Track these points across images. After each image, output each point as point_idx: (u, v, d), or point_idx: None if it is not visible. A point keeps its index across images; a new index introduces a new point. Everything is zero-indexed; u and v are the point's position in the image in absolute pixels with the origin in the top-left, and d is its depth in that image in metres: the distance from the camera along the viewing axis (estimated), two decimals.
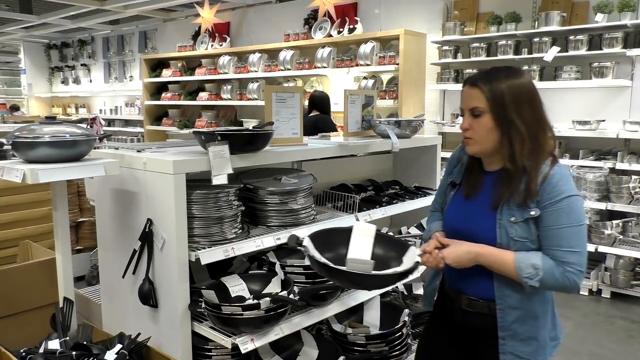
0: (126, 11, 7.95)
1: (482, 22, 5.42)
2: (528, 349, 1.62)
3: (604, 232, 4.50)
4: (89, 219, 4.47)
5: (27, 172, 1.75)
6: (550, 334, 1.66)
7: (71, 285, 2.14)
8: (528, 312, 1.61)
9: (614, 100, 4.77)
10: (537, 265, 1.51)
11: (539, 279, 1.51)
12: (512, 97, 1.54)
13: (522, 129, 1.54)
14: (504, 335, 1.63)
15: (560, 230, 1.51)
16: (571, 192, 1.51)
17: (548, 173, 1.52)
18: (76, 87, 10.95)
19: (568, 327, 3.97)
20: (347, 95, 2.67)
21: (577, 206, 1.52)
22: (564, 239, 1.51)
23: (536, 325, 1.62)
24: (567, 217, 1.51)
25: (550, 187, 1.51)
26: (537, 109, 1.57)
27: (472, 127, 1.60)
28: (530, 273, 1.51)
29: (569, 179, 1.54)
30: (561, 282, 1.51)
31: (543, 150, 1.56)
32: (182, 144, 2.51)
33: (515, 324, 1.62)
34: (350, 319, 2.55)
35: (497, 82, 1.56)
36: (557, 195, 1.51)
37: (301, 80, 6.86)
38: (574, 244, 1.51)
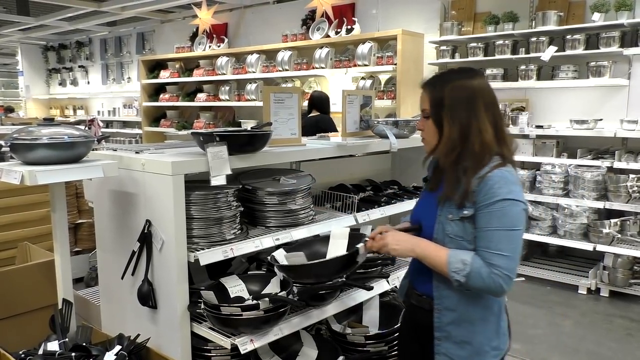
0: (123, 13, 7.95)
1: (479, 22, 5.43)
2: (462, 352, 1.62)
3: (602, 231, 4.51)
4: (88, 220, 4.46)
5: (25, 173, 1.75)
6: (491, 342, 1.63)
7: (70, 287, 2.14)
8: (464, 316, 1.62)
9: (611, 100, 4.78)
10: (466, 261, 1.52)
11: (465, 274, 1.51)
12: (451, 100, 1.58)
13: (453, 131, 1.57)
14: (439, 336, 1.66)
15: (490, 233, 1.51)
16: (506, 196, 1.50)
17: (486, 175, 1.53)
18: (74, 89, 10.94)
19: (567, 325, 3.98)
20: (345, 95, 2.67)
21: (511, 211, 1.51)
22: (493, 241, 1.51)
23: (472, 330, 1.62)
24: (498, 220, 1.51)
25: (486, 189, 1.52)
26: (475, 111, 1.57)
27: (424, 128, 1.67)
28: (458, 268, 1.52)
29: (507, 183, 1.52)
30: (487, 282, 1.50)
31: (480, 152, 1.56)
32: (181, 145, 2.51)
33: (451, 325, 1.63)
34: (350, 319, 2.55)
35: (441, 86, 1.61)
36: (490, 197, 1.51)
37: (299, 81, 6.86)
38: (503, 247, 1.50)
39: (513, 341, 3.71)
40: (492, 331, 1.64)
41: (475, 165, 1.55)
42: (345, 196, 2.60)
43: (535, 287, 4.71)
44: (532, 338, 3.75)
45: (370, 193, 2.83)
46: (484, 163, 1.56)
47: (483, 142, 1.56)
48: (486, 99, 1.59)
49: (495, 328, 1.65)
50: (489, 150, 1.57)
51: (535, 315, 4.15)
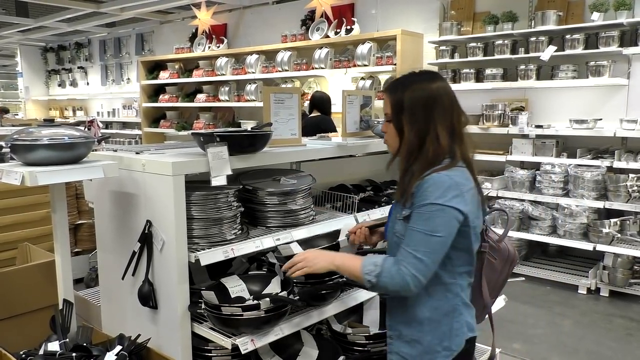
0: (123, 14, 7.95)
1: (478, 22, 5.44)
2: (412, 351, 1.64)
3: (602, 230, 4.51)
4: (87, 221, 4.47)
5: (26, 174, 1.76)
6: (442, 342, 1.62)
7: (70, 287, 2.14)
8: (412, 316, 1.63)
9: (610, 99, 4.79)
10: (378, 262, 1.55)
11: (376, 274, 1.53)
12: (410, 104, 1.59)
13: (412, 136, 1.58)
14: (391, 335, 1.69)
15: (413, 232, 1.52)
16: (435, 200, 1.50)
17: (424, 177, 1.54)
18: (73, 90, 10.94)
19: (567, 325, 3.98)
20: (345, 95, 2.68)
21: (437, 216, 1.49)
22: (412, 240, 1.52)
23: (421, 330, 1.62)
24: (423, 222, 1.51)
25: (421, 191, 1.53)
26: (433, 116, 1.57)
27: (387, 131, 1.68)
28: (370, 269, 1.55)
29: (440, 187, 1.51)
30: (395, 280, 1.51)
31: (432, 156, 1.56)
32: (181, 146, 2.51)
33: (401, 325, 1.66)
34: (350, 319, 2.55)
35: (402, 90, 1.61)
36: (422, 200, 1.52)
37: (299, 82, 6.87)
38: (418, 248, 1.50)
39: (512, 341, 3.71)
40: (443, 332, 1.63)
41: (421, 169, 1.56)
42: (346, 196, 2.61)
43: (535, 286, 4.71)
44: (531, 338, 3.75)
45: (370, 193, 2.83)
46: (431, 167, 1.56)
47: (438, 148, 1.56)
48: (445, 103, 1.59)
49: (447, 329, 1.63)
50: (442, 155, 1.57)
51: (535, 315, 4.15)
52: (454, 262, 1.59)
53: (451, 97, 1.61)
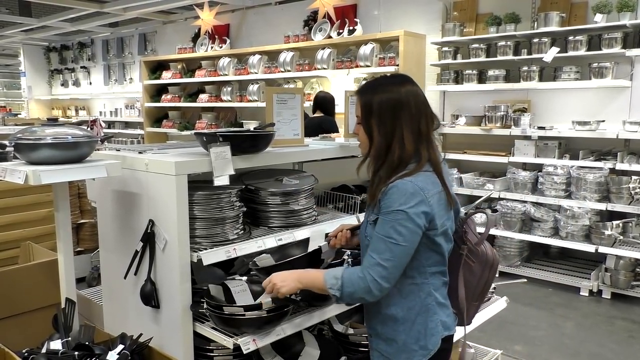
0: (125, 14, 7.97)
1: (481, 23, 5.44)
2: (389, 349, 1.67)
3: (604, 232, 4.51)
4: (90, 220, 4.47)
5: (29, 173, 1.76)
6: (418, 342, 1.64)
7: (73, 286, 2.14)
8: (386, 316, 1.65)
9: (613, 101, 4.78)
10: (337, 275, 1.57)
11: (338, 287, 1.56)
12: (378, 108, 1.60)
13: (380, 139, 1.60)
14: (371, 333, 1.75)
15: (377, 238, 1.55)
16: (398, 208, 1.51)
17: (389, 184, 1.55)
18: (76, 90, 10.96)
19: (568, 327, 3.98)
20: (348, 96, 2.67)
21: (400, 224, 1.51)
22: (377, 246, 1.54)
23: (395, 329, 1.65)
24: (386, 229, 1.53)
25: (386, 198, 1.55)
26: (400, 120, 1.58)
27: (358, 133, 1.70)
28: (333, 283, 1.57)
29: (404, 194, 1.52)
30: (359, 287, 1.53)
31: (397, 160, 1.57)
32: (184, 146, 2.51)
33: (378, 325, 1.69)
34: (352, 319, 2.55)
35: (372, 93, 1.63)
36: (387, 207, 1.54)
37: (301, 82, 6.87)
38: (382, 255, 1.52)
39: (514, 343, 3.70)
40: (418, 331, 1.64)
41: (386, 175, 1.58)
42: (348, 197, 2.61)
43: (537, 288, 4.71)
44: (533, 340, 3.75)
45: None
46: (397, 171, 1.57)
47: (403, 152, 1.58)
48: (412, 107, 1.59)
49: (422, 328, 1.64)
50: (407, 159, 1.58)
51: (536, 316, 4.15)
52: (424, 263, 1.61)
53: (419, 101, 1.62)
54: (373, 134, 1.62)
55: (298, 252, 2.25)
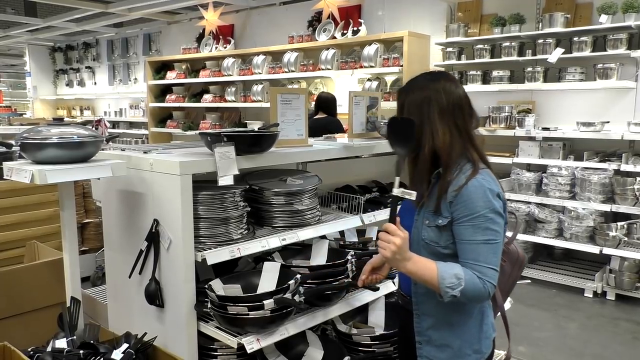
0: (130, 14, 7.99)
1: (485, 24, 5.43)
2: (442, 355, 1.63)
3: (609, 234, 4.49)
4: (94, 220, 4.49)
5: (35, 172, 1.77)
6: (472, 346, 1.63)
7: (78, 285, 2.15)
8: (442, 320, 1.62)
9: (618, 102, 4.77)
10: (460, 275, 1.50)
11: (460, 289, 1.49)
12: (408, 105, 1.60)
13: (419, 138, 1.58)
14: (420, 340, 1.67)
15: (476, 246, 1.51)
16: (487, 208, 1.49)
17: (463, 185, 1.51)
18: (81, 90, 11.01)
19: (572, 329, 3.97)
20: (352, 96, 2.68)
21: (493, 223, 1.50)
22: (481, 254, 1.51)
23: (451, 334, 1.62)
24: (483, 233, 1.50)
25: (464, 201, 1.50)
26: (428, 116, 1.56)
27: None
28: (453, 283, 1.49)
29: (485, 193, 1.50)
30: (480, 293, 1.50)
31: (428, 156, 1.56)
32: (188, 145, 2.52)
33: (430, 330, 1.64)
34: (355, 319, 2.56)
35: (405, 92, 1.63)
36: (471, 211, 1.50)
37: (305, 82, 6.88)
38: (490, 260, 1.50)
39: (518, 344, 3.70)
40: (473, 335, 1.63)
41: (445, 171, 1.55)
42: (352, 197, 2.61)
43: (541, 289, 4.70)
44: (537, 341, 3.74)
45: (376, 194, 2.84)
46: (449, 169, 1.55)
47: (433, 148, 1.56)
48: (441, 103, 1.57)
49: (477, 332, 1.64)
50: (447, 155, 1.55)
51: (540, 318, 4.14)
52: None
53: (454, 96, 1.58)
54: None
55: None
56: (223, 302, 1.87)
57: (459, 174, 1.54)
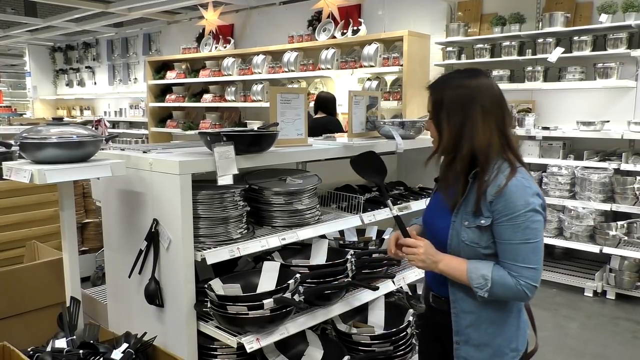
0: (130, 14, 7.99)
1: (485, 23, 5.43)
2: (481, 355, 1.61)
3: (609, 233, 4.49)
4: (94, 220, 4.49)
5: (35, 172, 1.77)
6: (510, 344, 1.63)
7: (78, 285, 2.15)
8: (483, 318, 1.60)
9: (618, 101, 4.77)
10: (486, 276, 1.51)
11: (487, 289, 1.51)
12: (448, 103, 1.57)
13: (449, 134, 1.57)
14: (458, 340, 1.64)
15: (516, 246, 1.50)
16: (527, 207, 1.49)
17: (504, 185, 1.50)
18: (81, 90, 11.01)
19: (573, 328, 3.96)
20: (352, 96, 2.68)
21: (534, 222, 1.49)
22: (520, 255, 1.50)
23: (490, 333, 1.61)
24: (523, 233, 1.49)
25: (505, 200, 1.49)
26: (469, 115, 1.54)
27: (430, 129, 1.67)
28: (480, 283, 1.51)
29: (525, 192, 1.50)
30: (513, 292, 1.51)
31: (467, 157, 1.54)
32: (188, 145, 2.52)
33: (470, 328, 1.62)
34: (355, 319, 2.56)
35: (442, 87, 1.60)
36: (512, 210, 1.49)
37: (305, 82, 6.88)
38: (529, 260, 1.50)
39: None
40: (511, 333, 1.63)
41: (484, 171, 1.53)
42: (351, 197, 2.61)
43: (541, 289, 4.67)
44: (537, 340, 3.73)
45: (376, 194, 2.83)
46: (488, 168, 1.53)
47: (473, 148, 1.54)
48: (485, 101, 1.55)
49: (514, 329, 1.64)
50: (485, 155, 1.54)
51: (540, 317, 4.13)
52: None
53: (495, 96, 1.58)
54: (442, 129, 1.59)
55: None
56: (223, 301, 1.87)
57: (497, 174, 1.53)
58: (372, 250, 2.55)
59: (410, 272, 2.68)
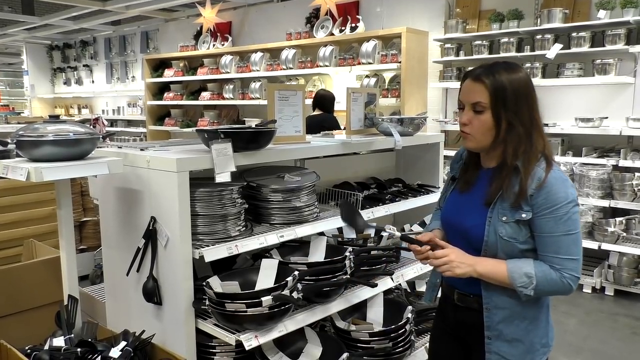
0: (128, 12, 7.97)
1: (484, 20, 5.42)
2: (514, 351, 1.60)
3: (608, 229, 4.49)
4: (93, 218, 4.48)
5: (31, 170, 1.76)
6: (541, 339, 1.62)
7: (75, 283, 2.15)
8: (516, 313, 1.59)
9: (616, 97, 4.76)
10: (530, 274, 1.49)
11: (533, 287, 1.49)
12: (513, 95, 1.52)
13: (519, 128, 1.52)
14: (490, 335, 1.62)
15: (558, 239, 1.49)
16: (568, 199, 1.49)
17: (544, 178, 1.49)
18: (78, 88, 10.99)
19: (571, 324, 3.97)
20: (350, 93, 2.67)
21: (574, 214, 1.50)
22: (562, 247, 1.50)
23: (523, 328, 1.60)
24: (565, 225, 1.49)
25: (547, 193, 1.48)
26: (533, 107, 1.55)
27: (472, 123, 1.56)
28: (524, 282, 1.49)
29: (565, 184, 1.50)
30: (557, 287, 1.50)
31: (536, 150, 1.53)
32: (185, 143, 2.51)
33: (502, 324, 1.60)
34: (354, 316, 2.56)
35: (500, 78, 1.52)
36: (553, 203, 1.48)
37: (303, 79, 6.86)
38: (572, 251, 1.50)
39: None
40: (543, 328, 1.62)
41: (529, 165, 1.51)
42: (350, 194, 2.61)
43: None
44: None
45: (374, 191, 2.83)
46: (535, 161, 1.52)
47: (539, 140, 1.53)
48: (533, 94, 1.56)
49: (545, 324, 1.64)
50: (542, 148, 1.53)
51: None
52: None
53: (534, 88, 1.58)
54: (503, 122, 1.52)
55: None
56: (221, 299, 1.87)
57: (536, 168, 1.52)
58: (371, 247, 2.54)
59: (409, 269, 2.67)
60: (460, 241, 1.64)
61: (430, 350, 1.94)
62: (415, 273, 2.68)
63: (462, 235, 1.64)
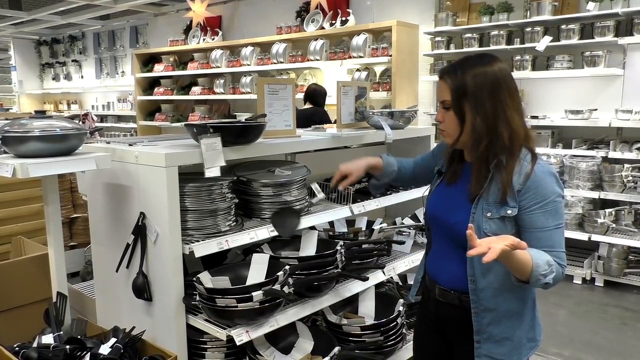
0: (116, 6, 7.88)
1: (474, 13, 5.42)
2: (503, 349, 1.60)
3: (597, 220, 4.53)
4: (83, 214, 4.44)
5: (17, 166, 1.74)
6: (527, 334, 1.62)
7: (64, 280, 2.13)
8: (503, 313, 1.59)
9: (606, 89, 4.79)
10: (551, 262, 1.46)
11: (553, 276, 1.45)
12: (473, 90, 1.50)
13: (480, 122, 1.50)
14: (479, 339, 1.61)
15: (550, 233, 1.50)
16: (556, 193, 1.49)
17: (530, 172, 1.48)
18: (67, 84, 10.88)
19: (562, 315, 4.00)
20: (340, 86, 2.66)
21: (561, 207, 1.51)
22: (556, 240, 1.50)
23: (510, 325, 1.60)
24: (554, 218, 1.49)
25: (535, 188, 1.48)
26: (501, 99, 1.50)
27: (445, 120, 1.58)
28: (546, 270, 1.45)
29: (552, 177, 1.50)
30: (559, 276, 1.50)
31: (510, 144, 1.50)
32: (174, 137, 2.49)
33: (491, 326, 1.60)
34: (345, 309, 2.56)
35: (461, 75, 1.52)
36: (542, 197, 1.48)
37: (294, 74, 6.84)
38: (562, 243, 1.52)
39: None
40: (528, 323, 1.63)
41: (511, 159, 1.50)
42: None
43: None
44: None
45: (365, 184, 2.81)
46: (516, 156, 1.51)
47: (512, 133, 1.50)
48: (510, 85, 1.52)
49: (531, 319, 1.64)
50: (518, 141, 1.51)
51: None
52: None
53: (514, 80, 1.55)
54: (467, 118, 1.51)
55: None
56: (211, 294, 1.86)
57: (521, 162, 1.51)
58: (362, 240, 2.54)
59: (400, 262, 2.68)
60: (445, 238, 1.64)
61: (415, 344, 1.95)
62: (406, 266, 2.69)
63: (447, 231, 1.64)
